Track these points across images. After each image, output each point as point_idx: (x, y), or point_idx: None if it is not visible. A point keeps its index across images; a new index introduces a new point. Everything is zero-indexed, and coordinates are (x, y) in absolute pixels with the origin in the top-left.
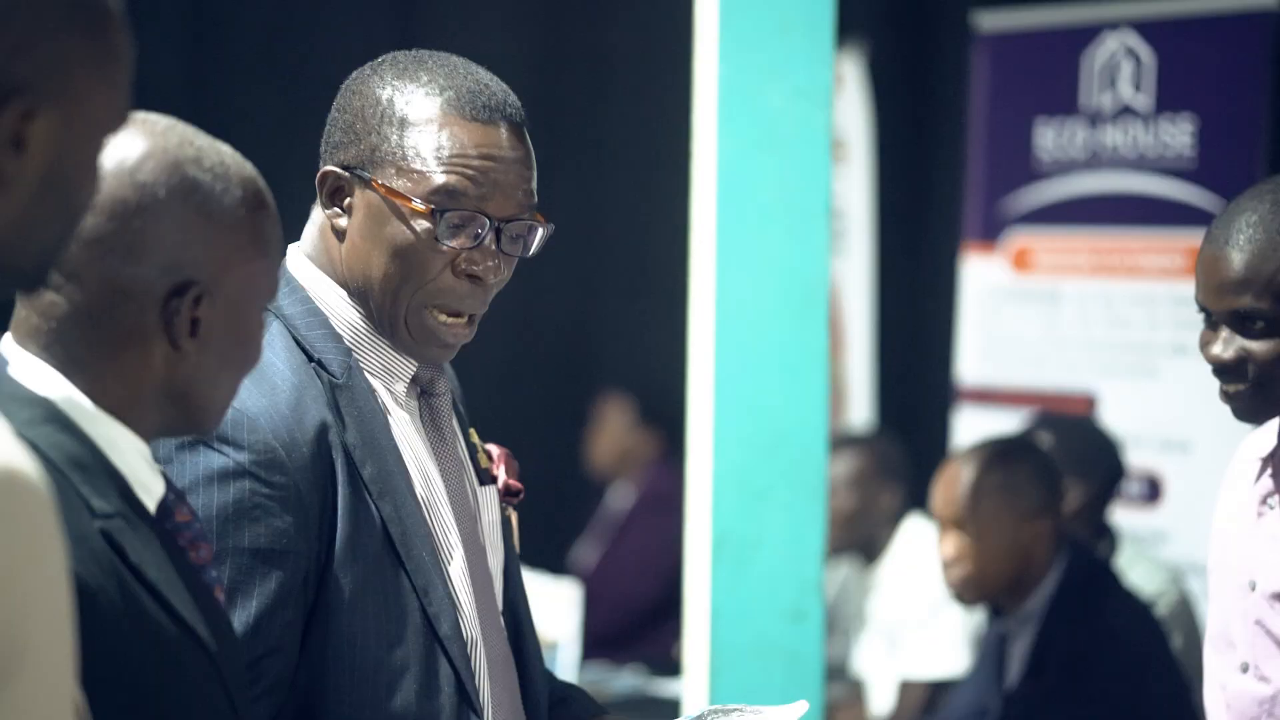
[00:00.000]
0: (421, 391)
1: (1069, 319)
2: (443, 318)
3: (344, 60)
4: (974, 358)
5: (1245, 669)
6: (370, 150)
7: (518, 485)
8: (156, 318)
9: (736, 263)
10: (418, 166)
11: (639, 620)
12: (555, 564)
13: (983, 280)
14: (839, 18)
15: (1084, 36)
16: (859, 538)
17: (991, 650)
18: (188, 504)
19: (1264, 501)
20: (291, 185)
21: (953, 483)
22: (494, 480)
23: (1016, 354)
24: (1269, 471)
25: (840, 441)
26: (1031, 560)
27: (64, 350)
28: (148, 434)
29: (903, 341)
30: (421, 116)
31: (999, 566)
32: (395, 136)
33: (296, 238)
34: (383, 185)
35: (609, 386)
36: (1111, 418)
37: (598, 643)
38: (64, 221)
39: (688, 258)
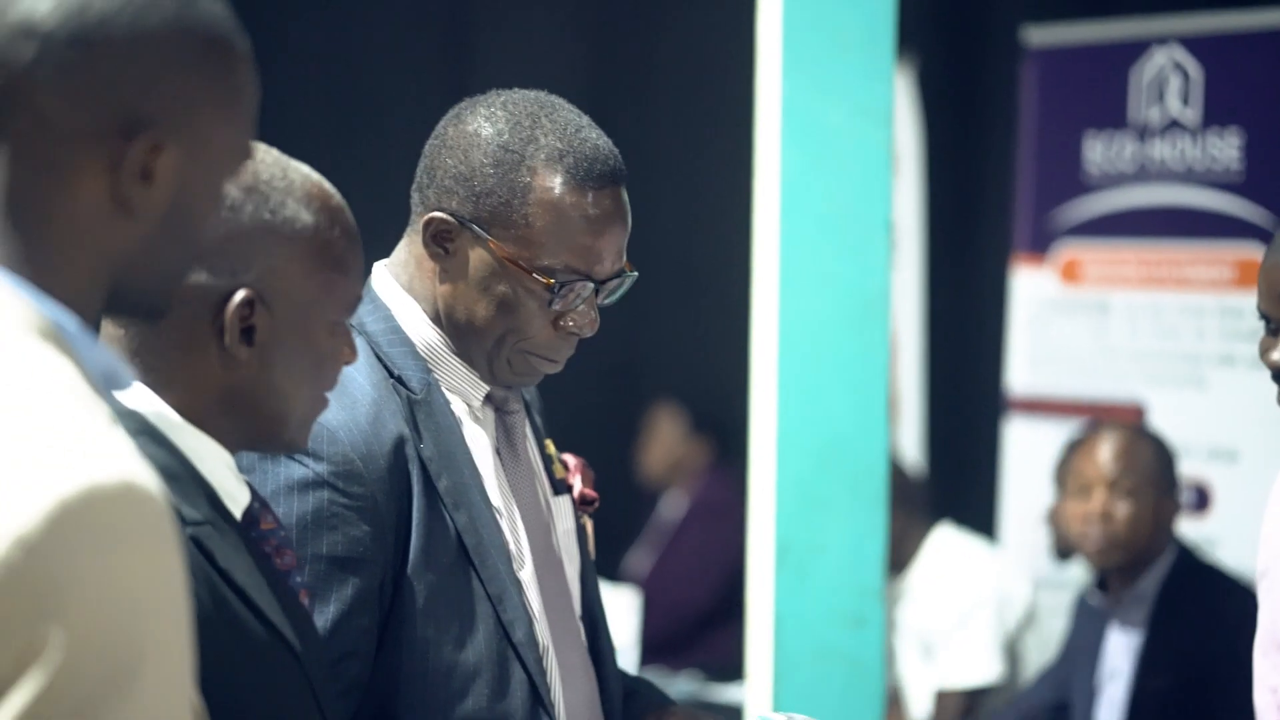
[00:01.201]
0: (496, 408)
1: (1118, 330)
2: (540, 362)
3: (398, 70)
4: (1024, 368)
5: None
6: (489, 211)
7: (592, 494)
8: (210, 324)
9: (799, 277)
10: (539, 240)
11: (692, 626)
12: (610, 571)
13: (1032, 291)
14: None
15: (1133, 51)
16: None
17: (1088, 631)
18: (272, 512)
19: None
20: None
21: (1095, 447)
22: (569, 490)
23: (1066, 364)
24: None
25: None
26: (1158, 535)
27: (143, 361)
28: (230, 445)
29: (953, 352)
30: (545, 187)
31: (1141, 531)
32: (519, 204)
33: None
34: (500, 247)
35: (661, 397)
36: (1160, 427)
37: (651, 648)
38: (185, 251)
39: (740, 270)
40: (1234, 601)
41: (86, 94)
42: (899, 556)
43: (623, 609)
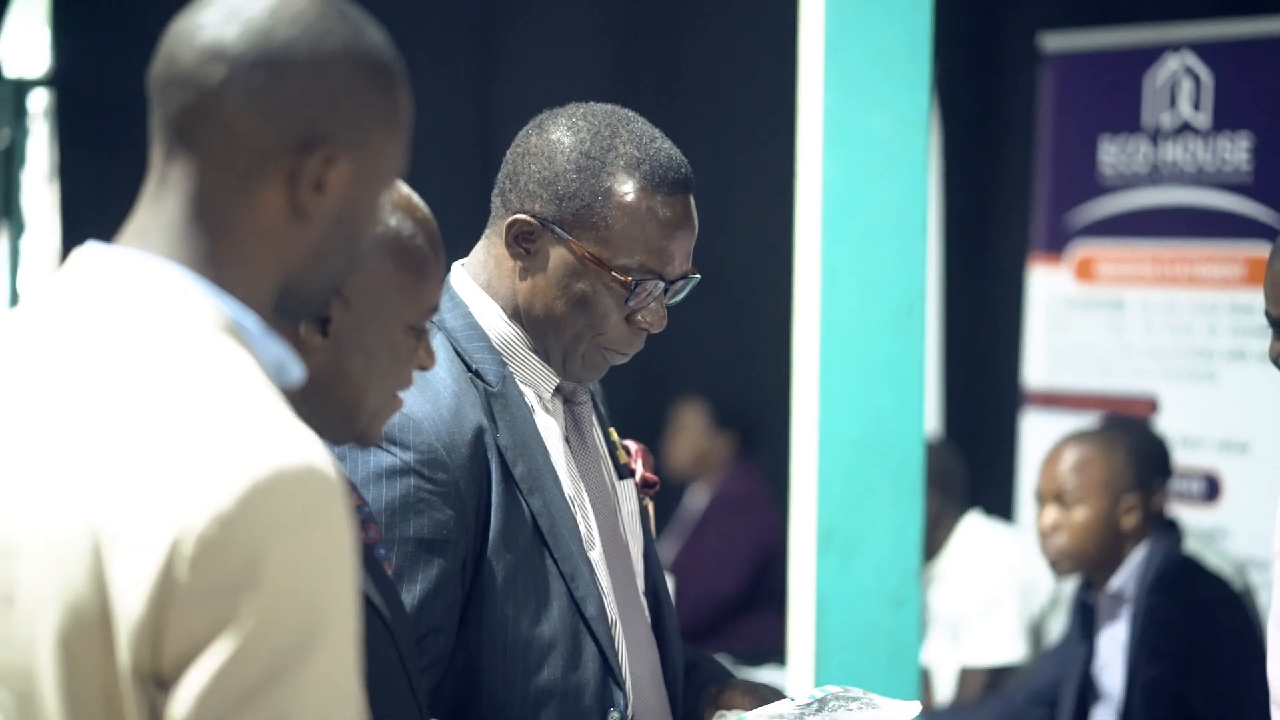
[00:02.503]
0: (565, 399)
1: (1132, 326)
2: (613, 355)
3: (424, 70)
4: (1040, 363)
5: None
6: (571, 213)
7: (654, 478)
8: None
9: (842, 278)
10: (617, 240)
11: (715, 613)
12: None
13: (1049, 290)
14: None
15: (1146, 57)
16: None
17: (1077, 623)
18: (356, 490)
19: None
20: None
21: (1053, 460)
22: (632, 474)
23: (1082, 360)
24: None
25: None
26: (1121, 534)
27: None
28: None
29: (972, 348)
30: (622, 191)
31: (1091, 538)
32: (599, 207)
33: None
34: (582, 248)
35: (685, 394)
36: (1173, 420)
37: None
38: (348, 259)
39: (766, 270)
40: (1212, 591)
41: (272, 111)
42: (932, 542)
43: None
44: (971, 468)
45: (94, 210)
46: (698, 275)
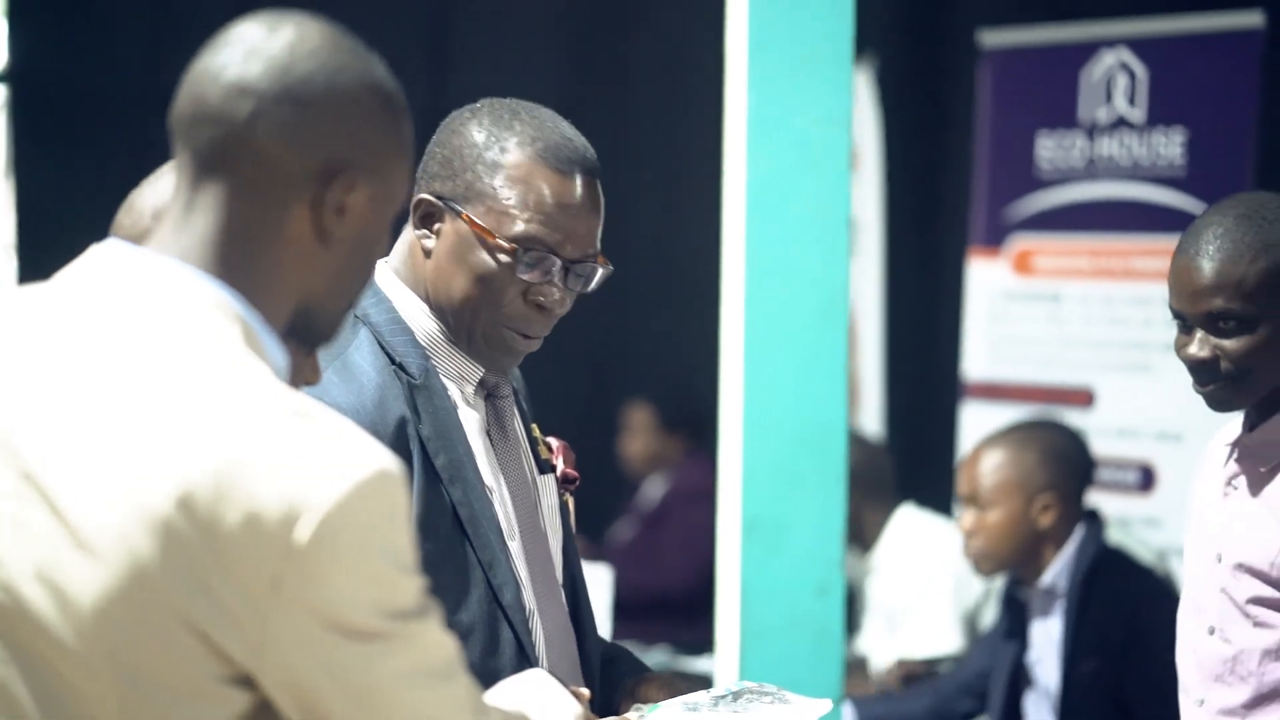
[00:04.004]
0: (488, 393)
1: (1069, 319)
2: (513, 336)
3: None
4: (980, 356)
5: (1212, 632)
6: (465, 187)
7: (574, 474)
8: None
9: (765, 271)
10: (505, 209)
11: (666, 602)
12: (592, 550)
13: (988, 283)
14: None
15: (1082, 53)
16: (855, 529)
17: (1008, 617)
18: None
19: (1229, 483)
20: None
21: (969, 464)
22: (553, 469)
23: (1020, 352)
24: (1234, 456)
25: None
26: (1039, 534)
27: None
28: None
29: (912, 341)
30: (512, 163)
31: (1008, 539)
32: (488, 178)
33: None
34: (473, 220)
35: (635, 395)
36: (1109, 411)
37: (626, 623)
38: (361, 280)
39: (711, 274)
40: (1143, 584)
41: (299, 141)
42: (867, 535)
43: (596, 585)
44: (913, 459)
45: (50, 205)
46: (607, 266)
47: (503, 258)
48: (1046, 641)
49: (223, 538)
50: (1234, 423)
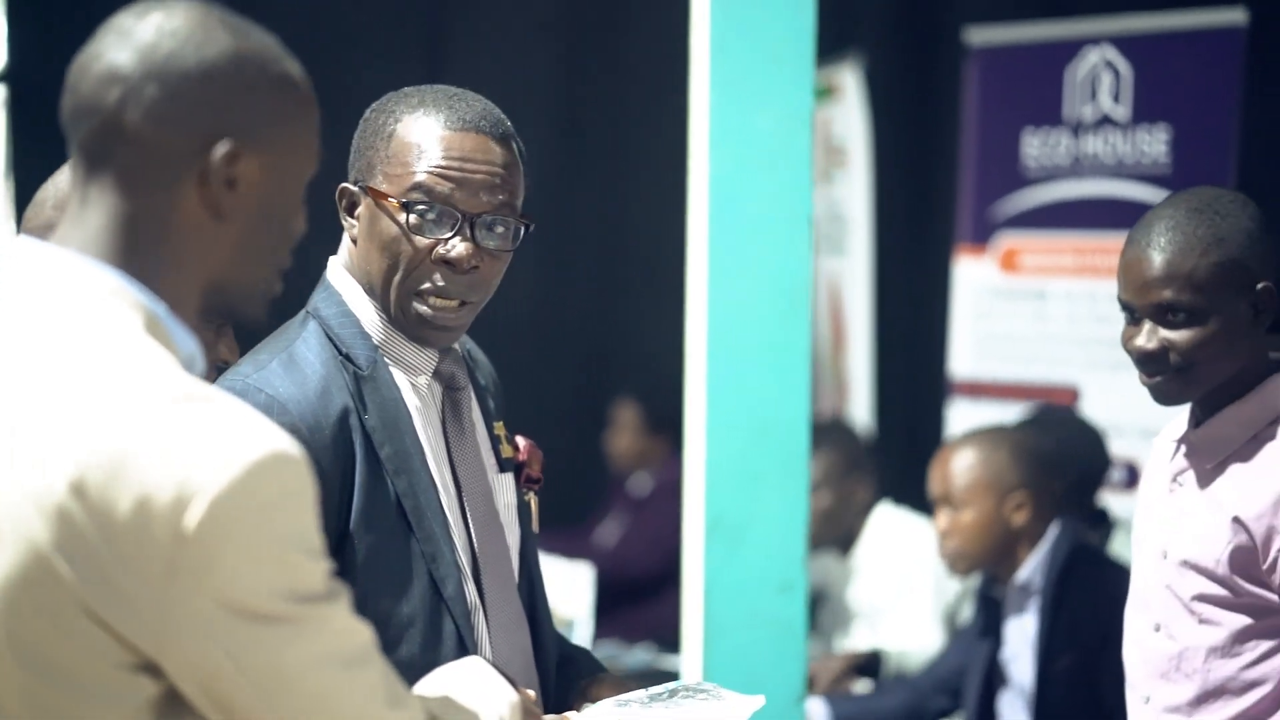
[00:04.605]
0: (445, 384)
1: (1054, 316)
2: (432, 300)
3: (373, 68)
4: (966, 354)
5: (1158, 628)
6: (366, 164)
7: (538, 474)
8: None
9: (727, 269)
10: (396, 170)
11: (649, 598)
12: (577, 546)
13: (974, 280)
14: (840, 31)
15: (1067, 51)
16: (837, 529)
17: (983, 615)
18: None
19: (1175, 479)
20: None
21: (940, 465)
22: (515, 467)
23: (1006, 350)
24: (1180, 452)
25: (818, 436)
26: (1013, 532)
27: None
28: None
29: (900, 338)
30: (407, 128)
31: (981, 538)
32: (384, 148)
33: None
34: (372, 189)
35: (623, 395)
36: (1094, 408)
37: (609, 619)
38: (277, 250)
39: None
40: (1116, 579)
41: (169, 120)
42: (847, 534)
43: (579, 584)
44: (902, 456)
45: None
46: (527, 223)
47: (400, 216)
48: (1021, 639)
49: (116, 524)
50: (1180, 418)
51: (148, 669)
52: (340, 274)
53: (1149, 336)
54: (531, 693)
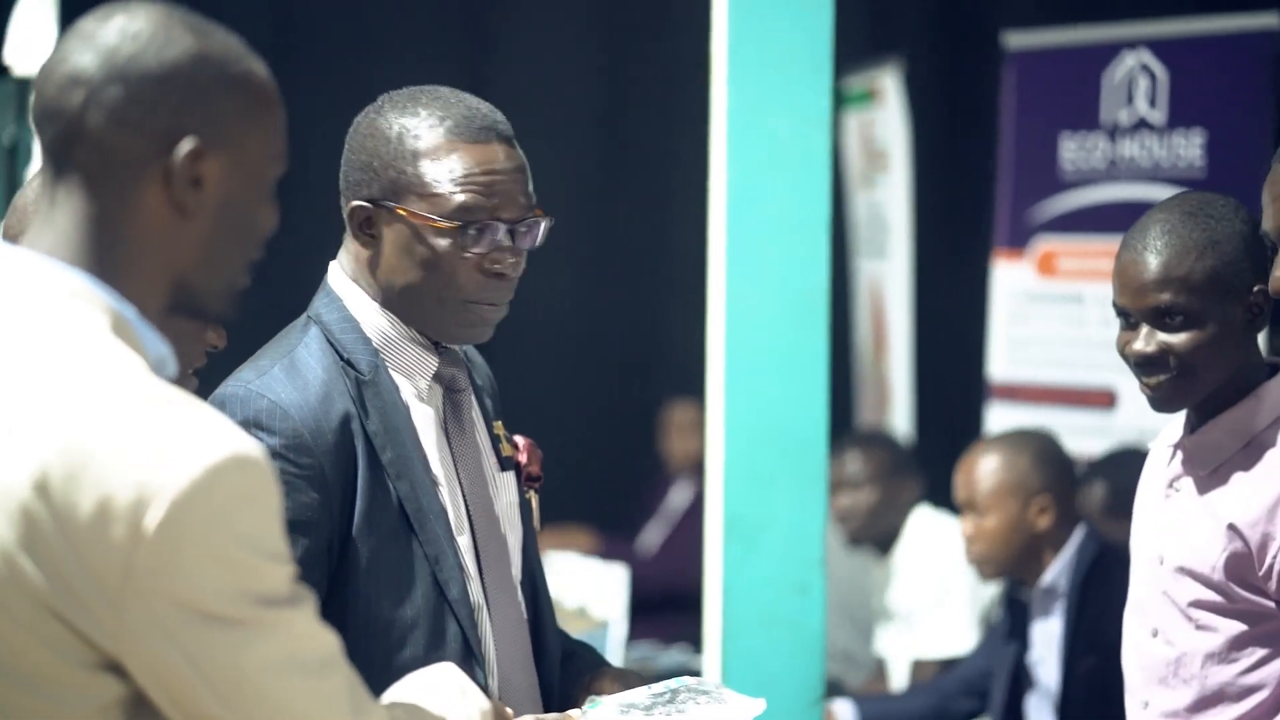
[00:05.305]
0: (445, 387)
1: (1091, 320)
2: (484, 310)
3: (417, 67)
4: (1004, 357)
5: (1155, 634)
6: (392, 183)
7: (537, 472)
8: None
9: (745, 272)
10: (436, 190)
11: (689, 602)
12: (619, 549)
13: (1011, 284)
14: (880, 36)
15: (1104, 55)
16: (879, 530)
17: (1009, 618)
18: None
19: (1171, 485)
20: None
21: (965, 470)
22: (515, 466)
23: (1043, 353)
24: (1176, 458)
25: (860, 439)
26: (1038, 536)
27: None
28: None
29: (939, 341)
30: (429, 146)
31: (1006, 543)
32: (411, 168)
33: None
34: (408, 211)
35: (677, 394)
36: (1130, 412)
37: (646, 621)
38: (244, 247)
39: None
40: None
41: (130, 121)
42: (888, 535)
43: (613, 585)
44: (940, 460)
45: None
46: (548, 218)
47: (448, 238)
48: (1047, 641)
49: (77, 524)
50: (1176, 424)
51: (114, 669)
52: (342, 280)
53: (1147, 340)
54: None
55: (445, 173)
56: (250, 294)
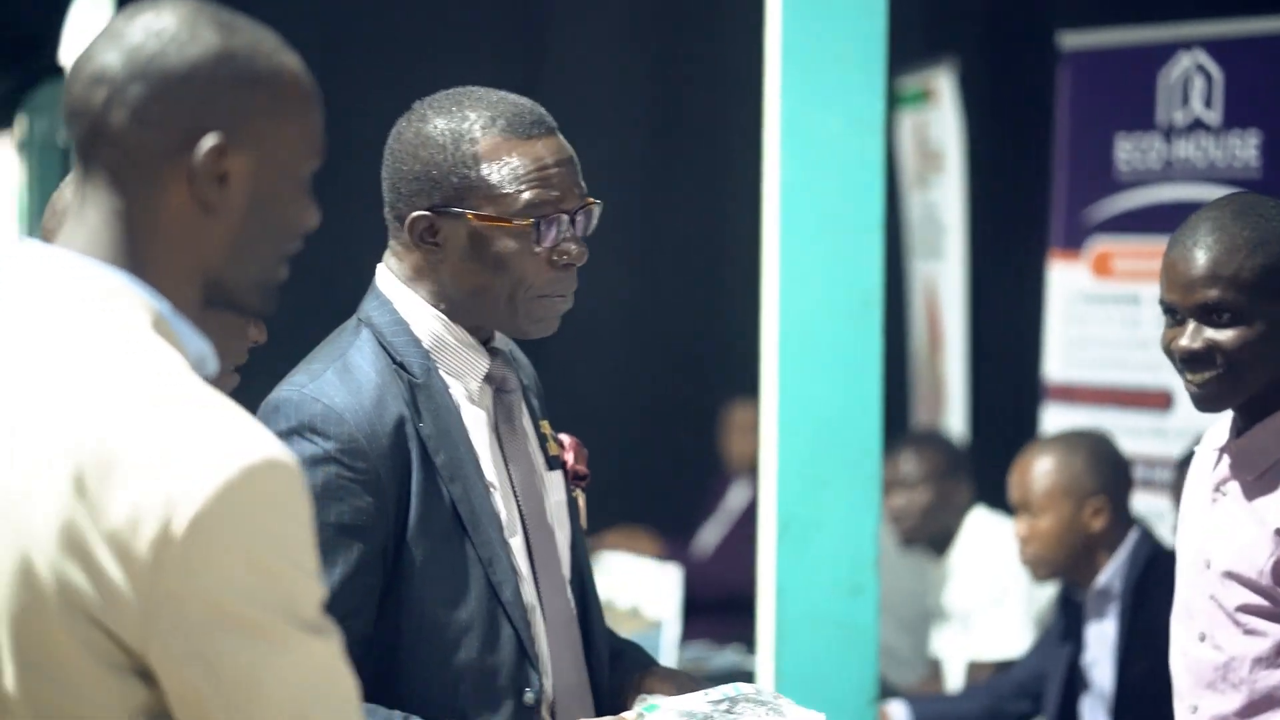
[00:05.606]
0: (496, 388)
1: (1147, 321)
2: (555, 302)
3: (469, 67)
4: (1059, 358)
5: (1203, 638)
6: (454, 190)
7: (584, 470)
8: None
9: (799, 273)
10: (503, 191)
11: (744, 602)
12: (676, 549)
13: (1067, 285)
14: (934, 36)
15: (1159, 55)
16: (932, 530)
17: (1063, 619)
18: None
19: (1217, 489)
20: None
21: (1020, 471)
22: (562, 465)
23: (1099, 354)
24: (1223, 461)
25: (914, 439)
26: (1092, 538)
27: None
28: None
29: (995, 342)
30: (488, 148)
31: (1060, 543)
32: (474, 173)
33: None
34: (477, 215)
35: (737, 393)
36: (1187, 413)
37: (700, 622)
38: (274, 244)
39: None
40: None
41: (153, 120)
42: (943, 536)
43: (667, 586)
44: (996, 461)
45: None
46: (598, 202)
47: (517, 236)
48: (1102, 643)
49: (110, 523)
50: (1221, 426)
51: (143, 675)
52: (392, 283)
53: (1193, 337)
54: None
55: (508, 173)
56: (296, 292)
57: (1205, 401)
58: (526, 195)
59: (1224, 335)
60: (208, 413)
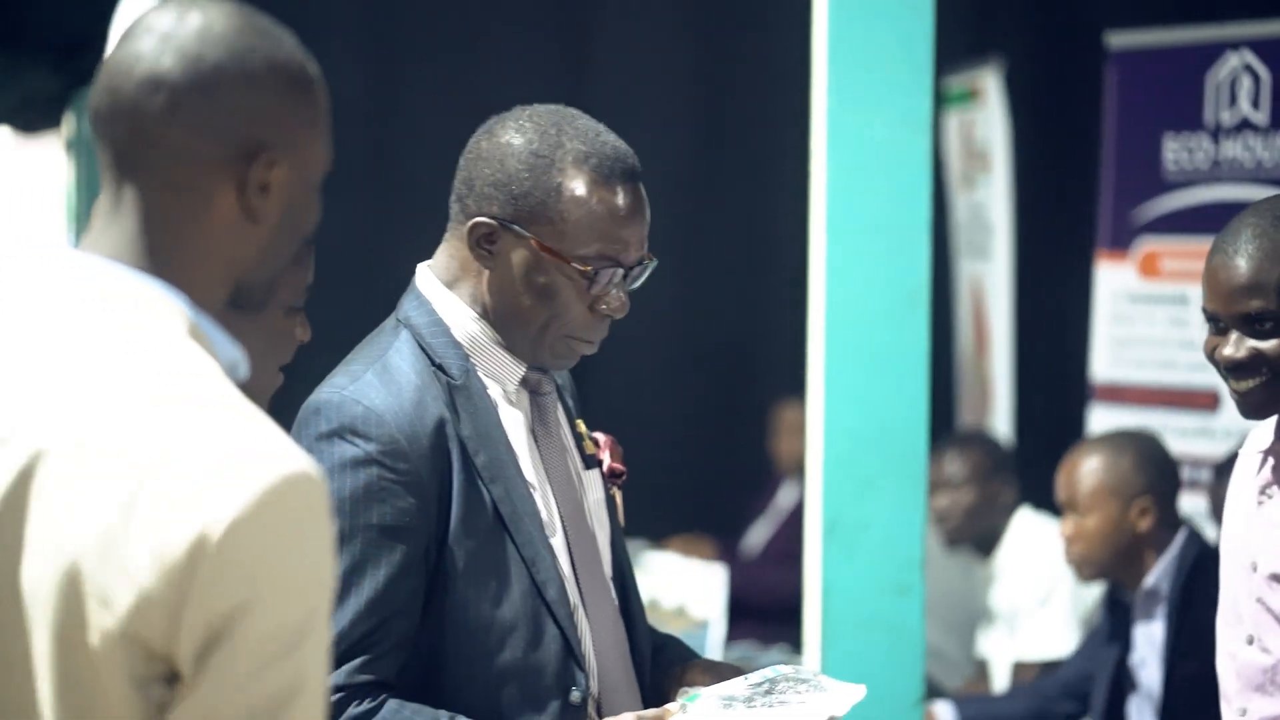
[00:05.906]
0: (531, 390)
1: (1194, 321)
2: (581, 346)
3: (516, 72)
4: (1106, 358)
5: (1250, 641)
6: (528, 211)
7: (621, 468)
8: None
9: (846, 274)
10: (573, 232)
11: (790, 603)
12: (724, 550)
13: (1114, 285)
14: (981, 35)
15: (1207, 55)
16: (978, 530)
17: (1110, 620)
18: None
19: (1263, 491)
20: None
21: (1067, 471)
22: (599, 464)
23: (1146, 354)
24: (1267, 464)
25: (959, 439)
26: (1139, 538)
27: None
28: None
29: (1041, 342)
30: (573, 183)
31: (1106, 544)
32: (553, 202)
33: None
34: (541, 243)
35: (787, 394)
36: (1234, 414)
37: (746, 622)
38: (291, 249)
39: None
40: None
41: (212, 129)
42: (989, 536)
43: (712, 585)
44: (1041, 459)
45: None
46: (654, 261)
47: (575, 277)
48: (1149, 644)
49: (145, 526)
50: (1264, 429)
51: (168, 679)
52: (432, 284)
53: (1237, 346)
54: None
55: (584, 215)
56: (336, 292)
57: (1250, 409)
58: (596, 244)
59: (1268, 344)
60: (246, 421)
